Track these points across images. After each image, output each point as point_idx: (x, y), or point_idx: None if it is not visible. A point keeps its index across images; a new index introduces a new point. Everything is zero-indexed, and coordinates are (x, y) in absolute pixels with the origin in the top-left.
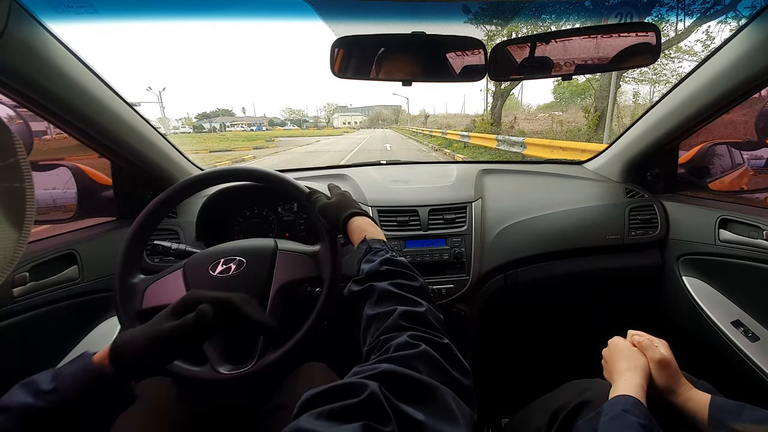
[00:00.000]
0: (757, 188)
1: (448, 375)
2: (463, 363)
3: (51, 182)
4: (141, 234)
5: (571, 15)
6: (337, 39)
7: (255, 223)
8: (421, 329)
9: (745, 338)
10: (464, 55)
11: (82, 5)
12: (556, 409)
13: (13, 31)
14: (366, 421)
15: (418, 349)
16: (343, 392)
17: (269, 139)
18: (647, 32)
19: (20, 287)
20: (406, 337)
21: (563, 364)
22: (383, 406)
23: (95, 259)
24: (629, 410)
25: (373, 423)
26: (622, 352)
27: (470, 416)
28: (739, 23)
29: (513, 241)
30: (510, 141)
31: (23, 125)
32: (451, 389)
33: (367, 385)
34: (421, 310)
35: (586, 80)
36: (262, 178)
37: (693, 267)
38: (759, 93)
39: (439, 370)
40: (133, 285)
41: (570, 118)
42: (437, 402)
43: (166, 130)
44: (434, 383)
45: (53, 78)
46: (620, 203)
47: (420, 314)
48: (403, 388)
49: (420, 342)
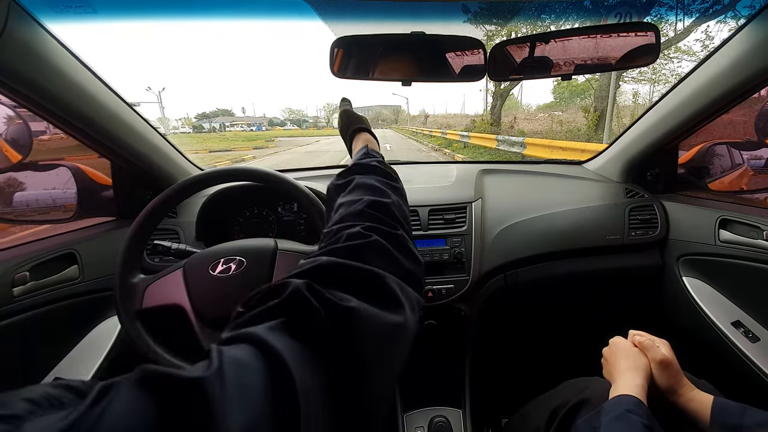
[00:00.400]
0: (756, 188)
1: (397, 265)
2: (414, 254)
3: (51, 182)
4: (141, 234)
5: (571, 15)
6: (337, 39)
7: (255, 223)
8: (379, 219)
9: (745, 339)
10: (464, 55)
11: (81, 5)
12: (555, 408)
13: (12, 31)
14: (284, 319)
15: (369, 239)
16: (269, 295)
17: (269, 139)
18: (647, 32)
19: (20, 287)
20: (360, 228)
21: (563, 364)
22: (307, 302)
23: (95, 259)
24: (632, 410)
25: (294, 320)
26: (623, 351)
27: (417, 300)
28: (738, 23)
29: (513, 241)
30: (510, 141)
31: (23, 125)
32: (401, 278)
33: (290, 283)
34: (387, 201)
35: (585, 80)
36: (262, 178)
37: (693, 267)
38: (758, 93)
39: (389, 260)
40: (133, 285)
41: (570, 118)
42: (378, 289)
43: (165, 130)
44: (378, 271)
45: (52, 78)
46: (620, 203)
47: (385, 204)
48: (339, 279)
49: (372, 233)
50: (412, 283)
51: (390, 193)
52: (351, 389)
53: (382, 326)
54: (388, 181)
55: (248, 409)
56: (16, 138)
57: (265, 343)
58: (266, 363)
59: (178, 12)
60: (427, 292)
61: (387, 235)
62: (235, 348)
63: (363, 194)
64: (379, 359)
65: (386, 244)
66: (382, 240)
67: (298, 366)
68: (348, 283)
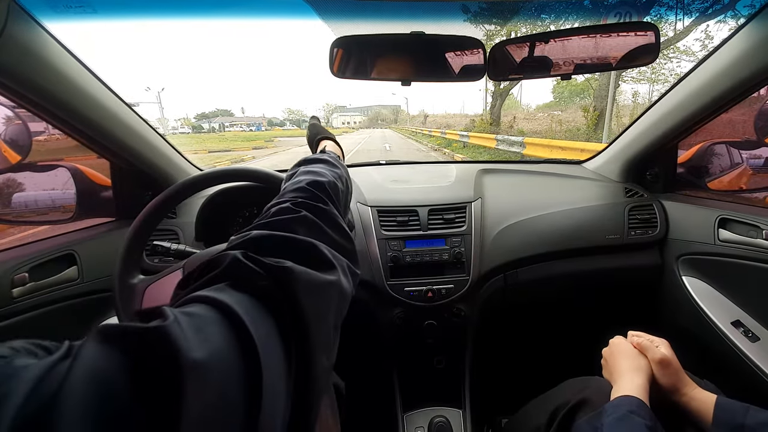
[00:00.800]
0: (756, 187)
1: (327, 236)
2: (344, 229)
3: (50, 183)
4: (140, 234)
5: (571, 14)
6: (337, 39)
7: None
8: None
9: (745, 338)
10: (463, 54)
11: (81, 5)
12: (555, 408)
13: (11, 31)
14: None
15: (298, 214)
16: (207, 268)
17: (268, 139)
18: (646, 32)
19: (20, 288)
20: (289, 203)
21: (563, 364)
22: (246, 267)
23: (95, 260)
24: (635, 411)
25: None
26: (624, 352)
27: (347, 265)
28: (738, 22)
29: (513, 241)
30: (509, 141)
31: (22, 126)
32: (333, 248)
33: (228, 254)
34: (322, 180)
35: (585, 80)
36: (261, 179)
37: (692, 267)
38: (758, 92)
39: (318, 232)
40: (132, 285)
41: (569, 117)
42: (309, 254)
43: (164, 130)
44: (309, 240)
45: (52, 78)
46: (620, 203)
47: (320, 183)
48: (273, 248)
49: (301, 209)
50: (342, 253)
51: (326, 173)
52: (296, 337)
53: (316, 282)
54: (329, 167)
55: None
56: (15, 138)
57: (214, 298)
58: (218, 312)
59: (178, 11)
60: (427, 292)
61: (316, 210)
62: (186, 307)
63: (304, 176)
64: (317, 311)
65: (314, 218)
66: (310, 215)
67: (246, 315)
68: (280, 251)
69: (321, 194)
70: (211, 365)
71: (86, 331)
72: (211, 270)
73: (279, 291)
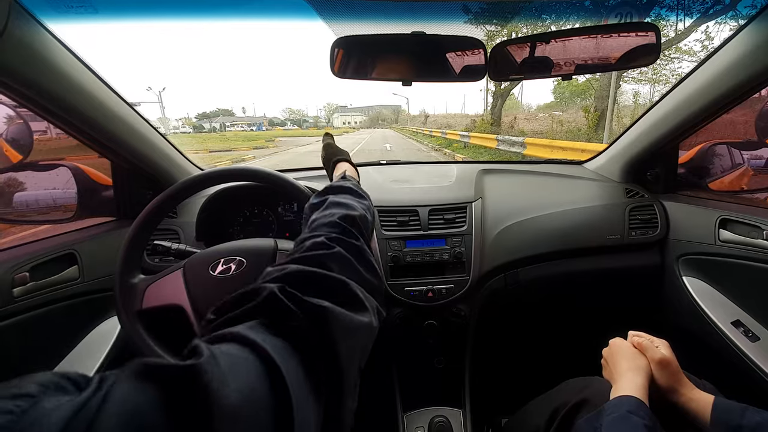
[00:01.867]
0: (757, 188)
1: (358, 274)
2: (373, 265)
3: (51, 182)
4: (141, 234)
5: (571, 15)
6: (337, 39)
7: (255, 223)
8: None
9: (745, 338)
10: (464, 55)
11: (82, 5)
12: (555, 408)
13: (13, 30)
14: (262, 319)
15: (332, 250)
16: (244, 298)
17: (269, 139)
18: (647, 32)
19: (20, 287)
20: (324, 238)
21: (563, 364)
22: (283, 304)
23: (95, 259)
24: (634, 411)
25: (272, 319)
26: (624, 352)
27: (377, 308)
28: (739, 23)
29: (513, 241)
30: (510, 141)
31: (23, 125)
32: (362, 286)
33: (266, 287)
34: (355, 214)
35: (586, 80)
36: (262, 179)
37: (693, 267)
38: (759, 93)
39: (350, 269)
40: (133, 285)
41: (570, 118)
42: (344, 294)
43: (166, 130)
44: (342, 278)
45: (53, 78)
46: (620, 203)
47: (352, 217)
48: (310, 284)
49: (335, 244)
50: (370, 291)
51: (356, 206)
52: (329, 380)
53: (352, 325)
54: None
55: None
56: (16, 138)
57: (247, 338)
58: (251, 353)
59: (179, 12)
60: (427, 292)
61: (349, 246)
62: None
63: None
64: (351, 355)
65: (348, 255)
66: (344, 251)
67: (280, 357)
68: (317, 289)
69: (353, 229)
70: (243, 410)
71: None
72: (248, 300)
73: (315, 332)
